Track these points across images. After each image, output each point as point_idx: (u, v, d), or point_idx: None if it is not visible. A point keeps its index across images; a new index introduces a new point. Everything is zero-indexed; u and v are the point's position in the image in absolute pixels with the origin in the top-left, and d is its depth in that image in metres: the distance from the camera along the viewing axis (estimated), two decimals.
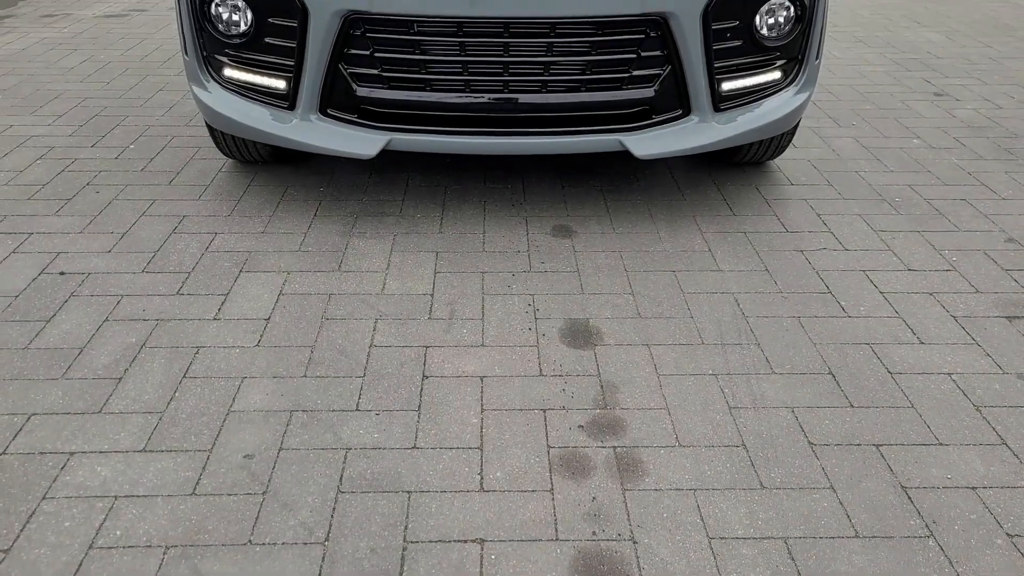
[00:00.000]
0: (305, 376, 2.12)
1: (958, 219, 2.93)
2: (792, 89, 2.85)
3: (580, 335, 2.30)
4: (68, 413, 1.97)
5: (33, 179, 3.12)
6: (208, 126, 3.03)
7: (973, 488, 1.80)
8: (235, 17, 2.65)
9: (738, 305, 2.43)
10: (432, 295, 2.47)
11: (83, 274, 2.52)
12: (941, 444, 1.92)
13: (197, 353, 2.19)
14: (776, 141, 3.10)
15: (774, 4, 2.68)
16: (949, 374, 2.15)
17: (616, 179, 3.21)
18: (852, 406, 2.03)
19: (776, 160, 3.37)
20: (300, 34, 2.55)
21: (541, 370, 2.15)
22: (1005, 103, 4.06)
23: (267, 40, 2.63)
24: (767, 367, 2.17)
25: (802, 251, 2.72)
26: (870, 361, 2.19)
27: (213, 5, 2.65)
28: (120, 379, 2.08)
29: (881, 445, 1.91)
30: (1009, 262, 2.67)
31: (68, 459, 1.83)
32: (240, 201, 3.00)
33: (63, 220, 2.84)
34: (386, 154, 2.67)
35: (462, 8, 2.48)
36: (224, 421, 1.96)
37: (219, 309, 2.38)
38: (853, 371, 2.15)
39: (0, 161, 3.26)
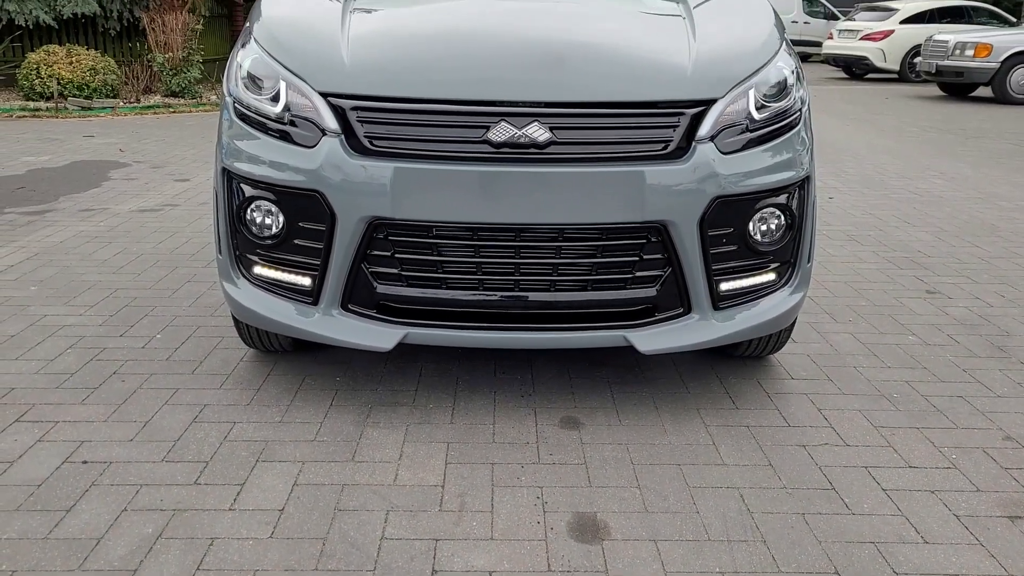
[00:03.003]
0: (316, 569, 2.14)
1: (956, 416, 3.01)
2: (787, 289, 3.02)
3: (588, 529, 2.33)
4: None
5: (62, 368, 3.26)
6: (234, 318, 3.20)
7: None
8: (268, 221, 2.87)
9: (743, 500, 2.47)
10: (443, 486, 2.52)
11: (105, 463, 2.60)
12: None
13: (211, 544, 2.23)
14: (775, 337, 3.24)
15: (766, 213, 2.90)
16: None
17: (622, 371, 3.33)
18: None
19: (776, 354, 3.49)
20: (327, 237, 2.76)
21: (549, 565, 2.17)
22: (996, 301, 4.23)
23: (296, 242, 2.84)
24: (773, 566, 2.19)
25: (804, 446, 2.79)
26: (875, 560, 2.21)
27: (249, 210, 2.89)
28: (135, 571, 2.11)
29: None
30: (1008, 460, 2.72)
31: None
32: (259, 391, 3.11)
33: (88, 409, 2.94)
34: (401, 344, 2.81)
35: (478, 216, 2.70)
36: None
37: (235, 499, 2.43)
38: (859, 571, 2.17)
39: (32, 351, 3.42)
